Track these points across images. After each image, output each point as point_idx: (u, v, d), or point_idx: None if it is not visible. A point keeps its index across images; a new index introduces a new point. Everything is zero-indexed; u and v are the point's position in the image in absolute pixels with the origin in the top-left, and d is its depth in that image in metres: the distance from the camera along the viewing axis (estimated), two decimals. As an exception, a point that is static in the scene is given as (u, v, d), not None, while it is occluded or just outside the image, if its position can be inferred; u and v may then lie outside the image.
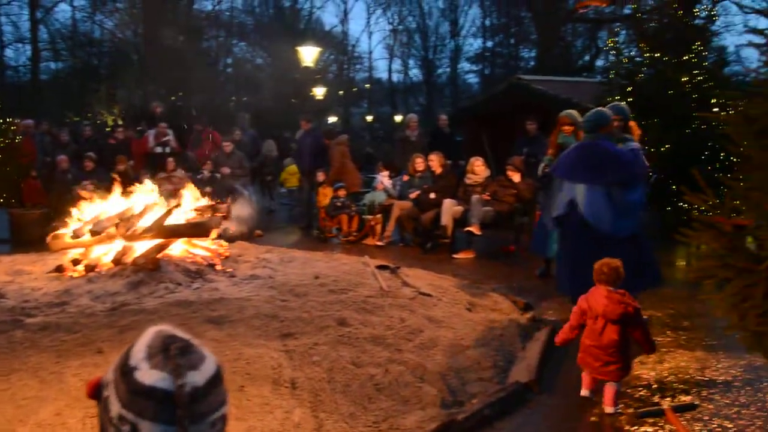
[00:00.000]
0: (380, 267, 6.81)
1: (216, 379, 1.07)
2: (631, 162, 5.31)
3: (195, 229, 6.62)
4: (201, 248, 6.84)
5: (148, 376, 1.03)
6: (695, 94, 9.73)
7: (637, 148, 5.52)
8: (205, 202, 7.60)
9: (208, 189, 10.01)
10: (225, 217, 7.57)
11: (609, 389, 3.94)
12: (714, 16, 13.21)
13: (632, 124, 6.08)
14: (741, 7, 19.64)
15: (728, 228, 3.23)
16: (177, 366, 1.03)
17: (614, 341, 3.86)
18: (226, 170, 11.46)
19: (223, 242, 7.31)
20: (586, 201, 5.24)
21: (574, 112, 6.99)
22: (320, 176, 11.18)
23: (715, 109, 9.16)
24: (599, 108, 5.59)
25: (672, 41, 10.42)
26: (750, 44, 3.05)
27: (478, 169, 9.45)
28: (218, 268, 6.50)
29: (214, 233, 6.74)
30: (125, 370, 1.05)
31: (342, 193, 10.48)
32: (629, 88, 10.26)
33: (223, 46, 32.05)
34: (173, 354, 1.04)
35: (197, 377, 1.04)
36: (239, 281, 6.09)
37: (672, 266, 8.11)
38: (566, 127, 6.87)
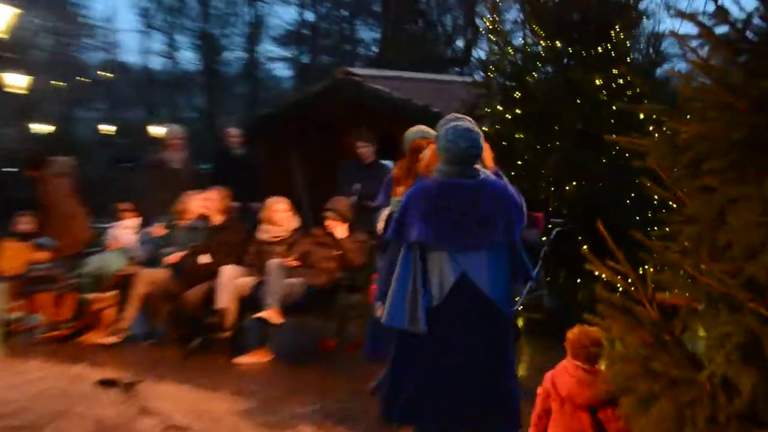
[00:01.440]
0: (105, 382, 6.58)
1: None
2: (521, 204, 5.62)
3: None
4: None
5: None
6: (614, 105, 10.35)
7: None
8: None
9: None
10: None
11: None
12: (643, -12, 14.26)
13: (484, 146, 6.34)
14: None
15: (653, 314, 3.36)
16: None
17: None
18: None
19: None
20: (486, 271, 5.39)
21: (428, 129, 7.14)
22: (22, 224, 10.64)
23: (651, 128, 9.75)
24: (467, 125, 5.66)
25: (580, 24, 11.06)
26: (671, 34, 3.24)
27: (280, 216, 9.44)
28: None
29: None
30: None
31: (44, 255, 10.07)
32: (517, 93, 10.71)
33: None
34: None
35: None
36: None
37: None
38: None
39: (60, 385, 6.49)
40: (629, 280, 3.50)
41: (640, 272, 3.52)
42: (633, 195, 10.14)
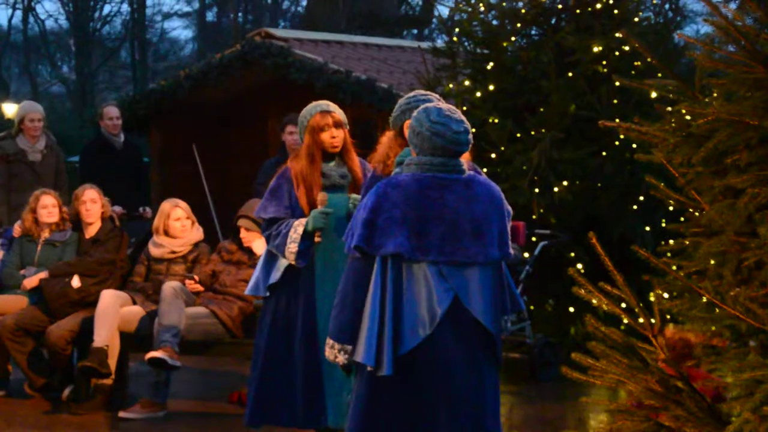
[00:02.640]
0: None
1: None
2: None
3: None
4: None
5: None
6: (616, 80, 10.35)
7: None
8: None
9: None
10: None
11: None
12: None
13: None
14: None
15: (662, 354, 3.38)
16: None
17: None
18: None
19: None
20: (480, 295, 5.34)
21: (329, 103, 7.22)
22: None
23: (667, 112, 9.76)
24: (445, 104, 5.63)
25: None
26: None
27: (178, 225, 9.38)
28: None
29: None
30: None
31: None
32: (489, 65, 10.73)
33: None
34: None
35: None
36: None
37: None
38: (334, 132, 7.06)
39: None
40: (636, 310, 3.47)
41: (651, 300, 3.49)
42: (642, 199, 10.18)
